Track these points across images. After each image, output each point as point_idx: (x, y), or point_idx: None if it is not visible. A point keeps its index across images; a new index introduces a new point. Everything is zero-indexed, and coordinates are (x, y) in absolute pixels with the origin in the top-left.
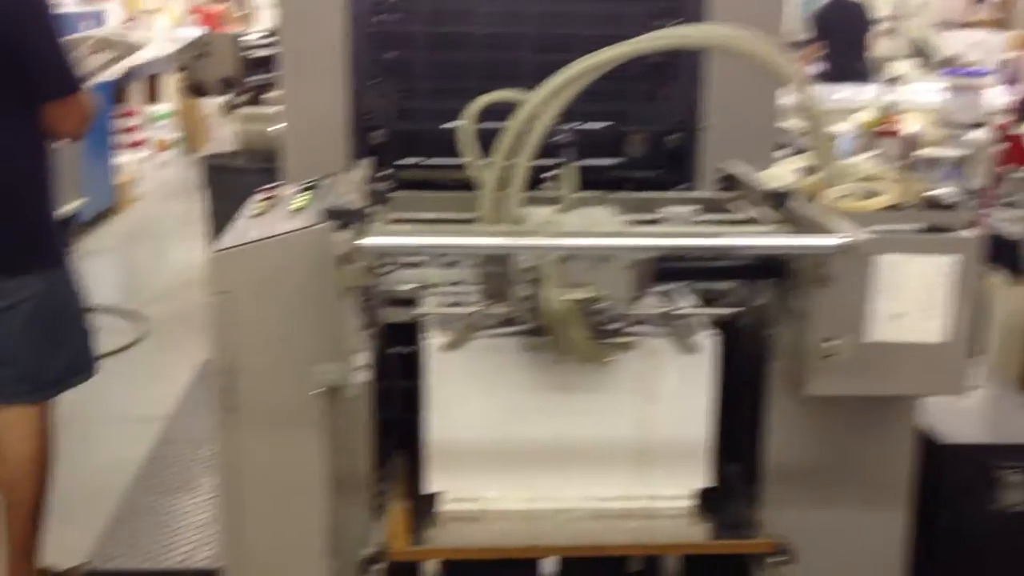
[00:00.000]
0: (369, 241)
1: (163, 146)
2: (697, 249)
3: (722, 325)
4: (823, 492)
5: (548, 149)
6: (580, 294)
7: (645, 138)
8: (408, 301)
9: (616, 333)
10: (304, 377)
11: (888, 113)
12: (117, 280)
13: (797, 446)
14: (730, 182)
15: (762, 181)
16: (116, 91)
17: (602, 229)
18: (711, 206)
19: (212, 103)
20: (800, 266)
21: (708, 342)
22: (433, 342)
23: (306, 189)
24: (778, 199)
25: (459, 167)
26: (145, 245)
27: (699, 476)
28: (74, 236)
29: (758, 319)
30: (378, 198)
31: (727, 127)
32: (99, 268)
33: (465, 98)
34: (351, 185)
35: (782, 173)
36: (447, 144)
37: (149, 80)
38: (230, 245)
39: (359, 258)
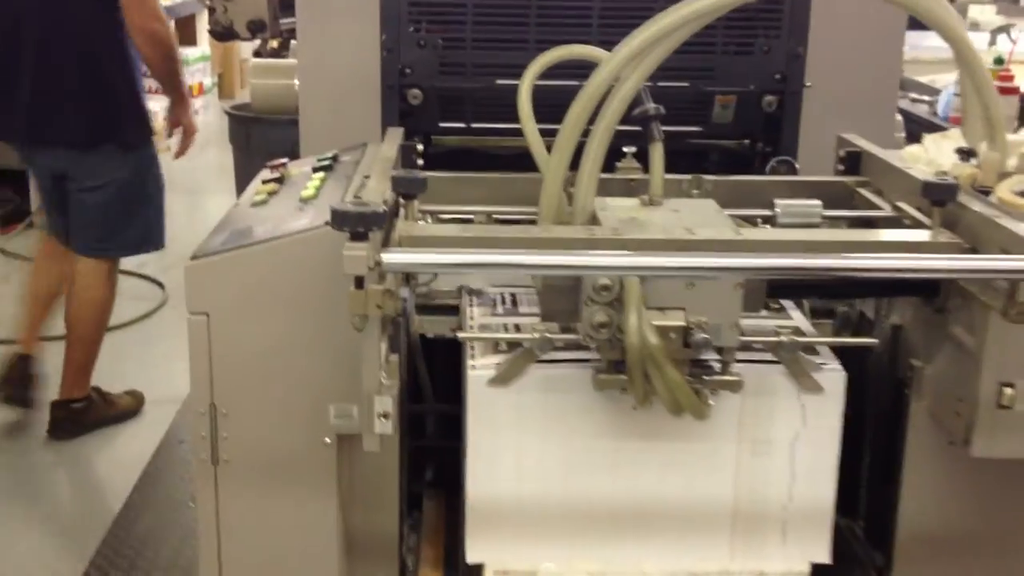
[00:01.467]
0: (391, 258)
1: (197, 91)
2: (844, 270)
3: (843, 352)
4: (970, 570)
5: (628, 122)
6: (674, 320)
7: (734, 100)
8: (447, 308)
9: (719, 368)
10: (310, 422)
11: (999, 65)
12: None
13: (939, 510)
14: (853, 162)
15: (905, 164)
16: None
17: (705, 233)
18: (835, 196)
19: (250, 45)
20: (971, 287)
21: (835, 378)
22: (477, 373)
23: (321, 168)
24: (940, 193)
25: (514, 133)
26: (175, 198)
27: (820, 547)
28: None
29: (893, 345)
30: (408, 185)
31: (836, 88)
32: None
33: (523, 52)
34: (377, 166)
35: (931, 153)
36: (499, 106)
37: (182, 21)
38: (210, 251)
39: (378, 279)
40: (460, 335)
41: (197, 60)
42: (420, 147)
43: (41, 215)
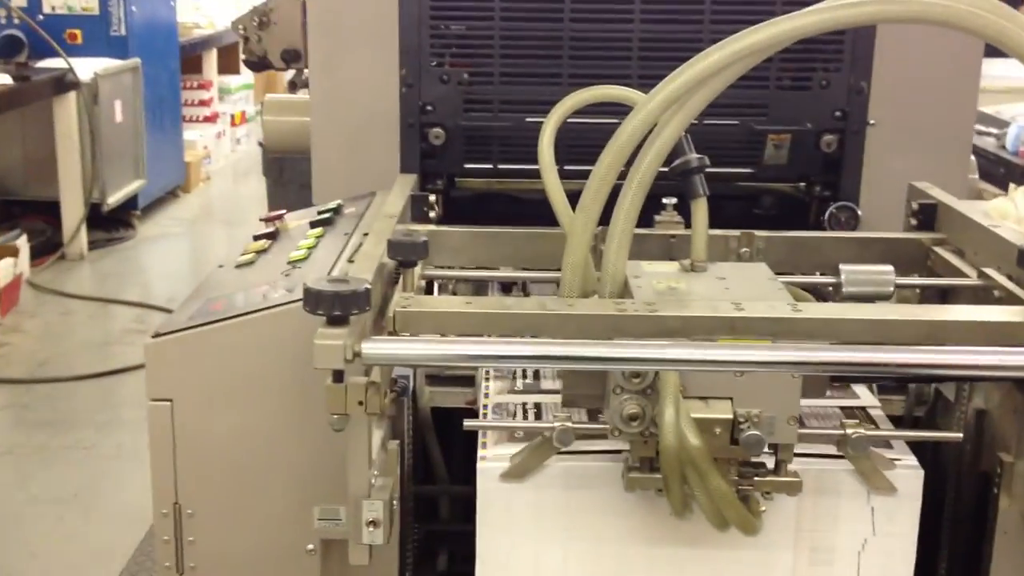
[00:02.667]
0: (373, 349)
1: (239, 120)
2: (921, 366)
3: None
4: None
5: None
6: (720, 413)
7: (789, 139)
8: (463, 378)
9: (772, 466)
10: (291, 526)
11: None
12: (177, 270)
13: None
14: (927, 216)
15: (991, 222)
16: (189, 60)
17: (756, 310)
18: (907, 256)
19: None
20: None
21: (911, 477)
22: (487, 465)
23: (320, 222)
24: None
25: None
26: (212, 230)
27: None
28: (133, 220)
29: (977, 433)
30: (407, 251)
31: (903, 126)
32: (159, 256)
33: (555, 87)
34: (377, 224)
35: (1022, 209)
36: (528, 146)
37: (224, 50)
38: (175, 327)
39: (361, 370)
40: (468, 424)
41: (239, 88)
42: (433, 197)
43: None
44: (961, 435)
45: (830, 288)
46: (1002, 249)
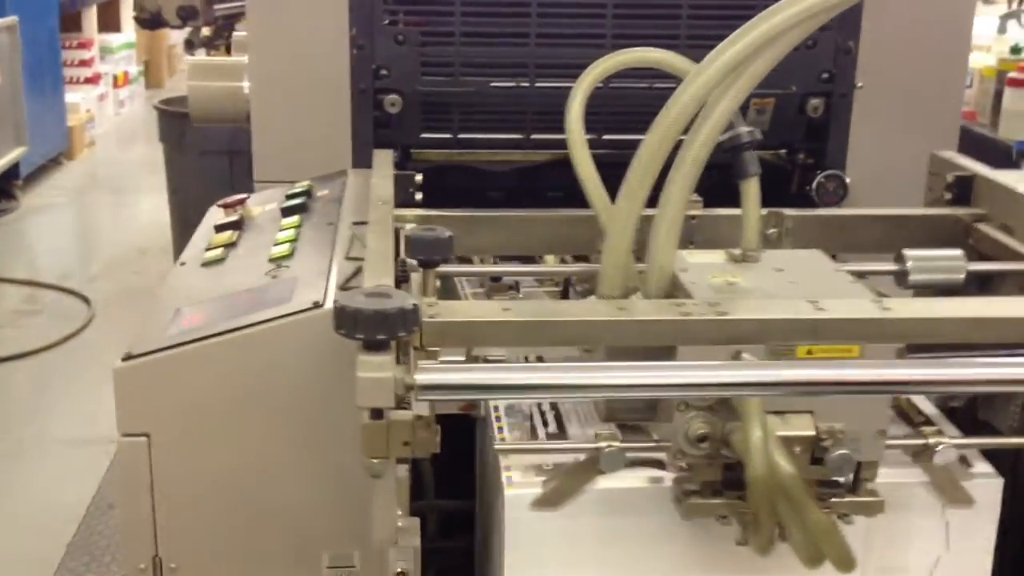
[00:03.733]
0: (431, 378)
1: (121, 81)
2: None
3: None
4: None
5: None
6: (800, 430)
7: (772, 104)
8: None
9: (853, 487)
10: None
11: (1017, 55)
12: (66, 244)
13: None
14: (963, 190)
15: None
16: (67, 18)
17: (840, 310)
18: (944, 234)
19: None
20: None
21: (989, 488)
22: (516, 493)
23: (292, 208)
24: None
25: (511, 144)
26: (100, 199)
27: None
28: (15, 190)
29: None
30: (431, 248)
31: (893, 89)
32: (46, 229)
33: (522, 48)
34: (375, 213)
35: None
36: (493, 113)
37: (103, 7)
38: (151, 347)
39: (408, 406)
40: (498, 446)
41: (121, 48)
42: (420, 177)
43: None
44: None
45: (895, 278)
46: None
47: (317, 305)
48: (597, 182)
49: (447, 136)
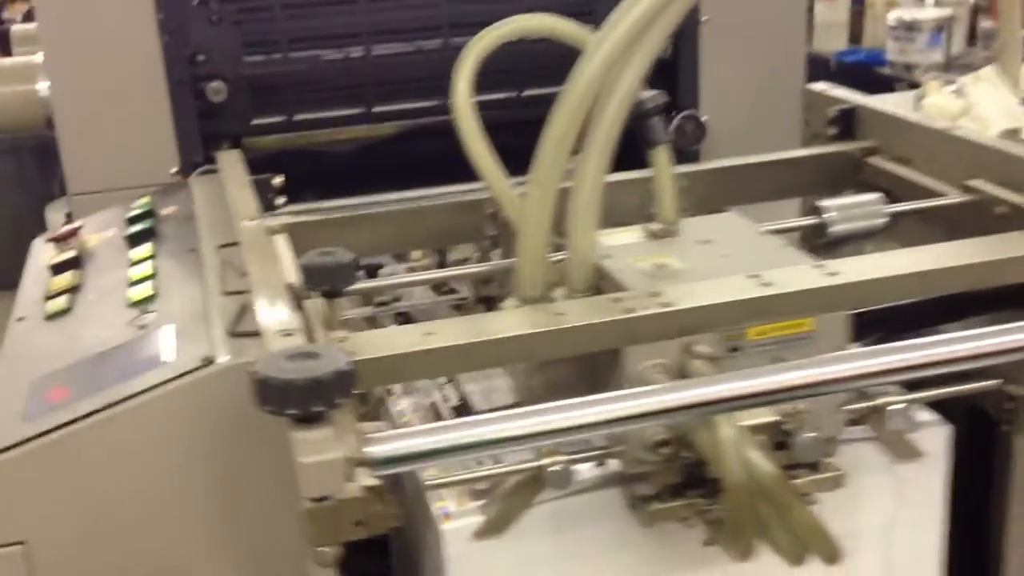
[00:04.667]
0: (388, 450)
1: None
2: None
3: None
4: None
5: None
6: (761, 417)
7: None
8: None
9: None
10: None
11: None
12: None
13: None
14: (845, 123)
15: (941, 124)
16: None
17: (784, 281)
18: (839, 173)
19: None
20: None
21: (937, 436)
22: (454, 527)
23: (139, 235)
24: None
25: (353, 120)
26: None
27: None
28: None
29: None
30: (334, 276)
31: (737, 21)
32: None
33: (352, 15)
34: (248, 234)
35: (973, 101)
36: (330, 90)
37: None
38: (15, 439)
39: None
40: (428, 481)
41: None
42: (280, 179)
43: None
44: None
45: (814, 234)
46: (976, 155)
47: (208, 362)
48: (498, 172)
49: (281, 119)
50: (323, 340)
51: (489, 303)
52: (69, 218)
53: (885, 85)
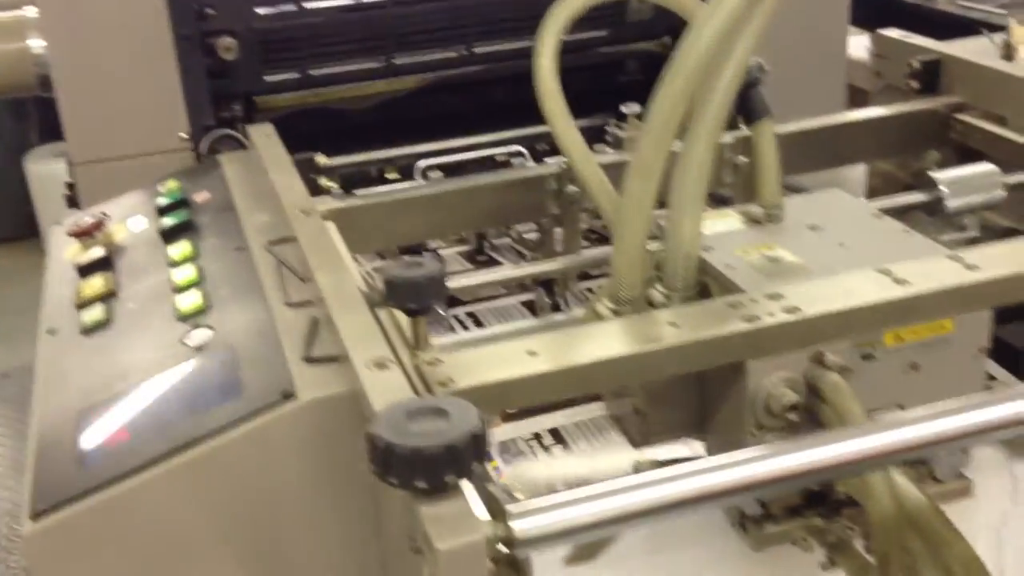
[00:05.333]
0: (540, 525)
1: None
2: None
3: None
4: None
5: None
6: None
7: None
8: None
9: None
10: None
11: None
12: None
13: None
14: (930, 76)
15: None
16: None
17: (920, 278)
18: (926, 132)
19: None
20: None
21: None
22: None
23: (175, 229)
24: None
25: (373, 75)
26: None
27: None
28: None
29: None
30: (420, 293)
31: None
32: None
33: None
34: (305, 230)
35: None
36: (349, 42)
37: None
38: (71, 494)
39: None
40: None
41: None
42: (323, 159)
43: None
44: None
45: (925, 210)
46: None
47: (287, 395)
48: (589, 157)
49: (295, 76)
50: (410, 362)
51: (548, 286)
52: (72, 190)
53: (938, 24)
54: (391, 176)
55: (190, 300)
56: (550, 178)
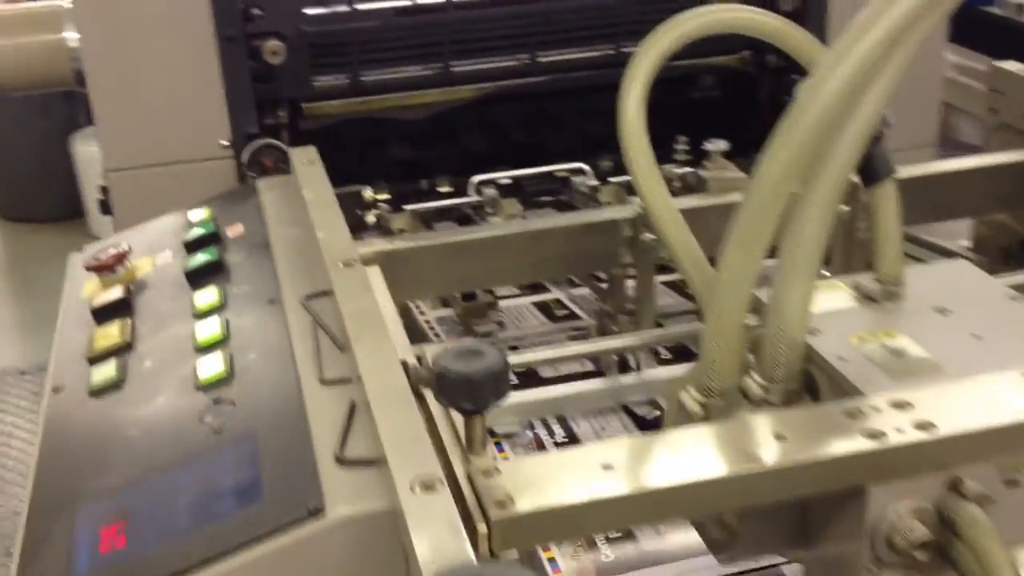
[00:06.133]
0: None
1: None
2: None
3: None
4: None
5: None
6: None
7: None
8: None
9: None
10: None
11: None
12: None
13: None
14: None
15: None
16: None
17: None
18: None
19: None
20: None
21: None
22: None
23: (202, 270)
24: None
25: (428, 83)
26: None
27: None
28: None
29: None
30: (477, 394)
31: None
32: None
33: None
34: (345, 293)
35: None
36: (403, 48)
37: None
38: None
39: None
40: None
41: None
42: (371, 192)
43: None
44: None
45: None
46: None
47: (316, 512)
48: (677, 219)
49: (345, 81)
50: (462, 469)
51: (606, 319)
52: (105, 193)
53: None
54: (443, 189)
55: (212, 366)
56: (624, 223)
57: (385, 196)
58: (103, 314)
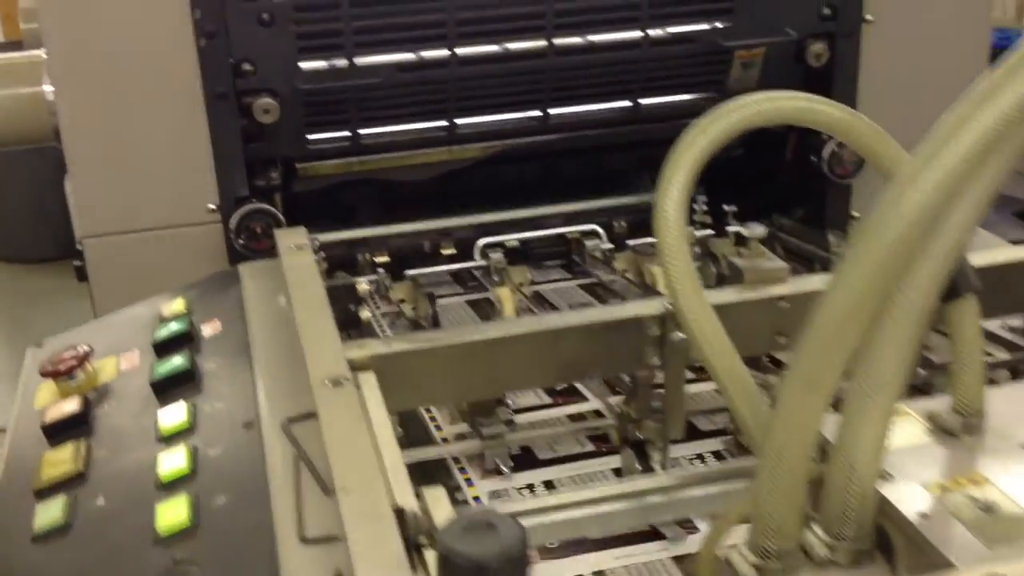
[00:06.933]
0: None
1: None
2: None
3: None
4: None
5: None
6: None
7: (762, 55)
8: None
9: None
10: None
11: None
12: None
13: None
14: None
15: None
16: None
17: None
18: None
19: None
20: None
21: None
22: None
23: (170, 379)
24: None
25: (429, 142)
26: None
27: None
28: None
29: None
30: (501, 555)
31: (908, 21)
32: None
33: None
34: (337, 420)
35: None
36: (406, 104)
37: None
38: None
39: None
40: None
41: None
42: (365, 284)
43: None
44: None
45: None
46: None
47: None
48: (723, 342)
49: (343, 137)
50: None
51: (628, 424)
52: (81, 258)
53: None
54: (447, 251)
55: (175, 511)
56: (651, 321)
57: (384, 259)
58: (56, 432)
